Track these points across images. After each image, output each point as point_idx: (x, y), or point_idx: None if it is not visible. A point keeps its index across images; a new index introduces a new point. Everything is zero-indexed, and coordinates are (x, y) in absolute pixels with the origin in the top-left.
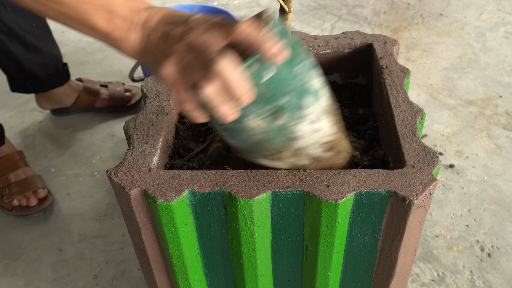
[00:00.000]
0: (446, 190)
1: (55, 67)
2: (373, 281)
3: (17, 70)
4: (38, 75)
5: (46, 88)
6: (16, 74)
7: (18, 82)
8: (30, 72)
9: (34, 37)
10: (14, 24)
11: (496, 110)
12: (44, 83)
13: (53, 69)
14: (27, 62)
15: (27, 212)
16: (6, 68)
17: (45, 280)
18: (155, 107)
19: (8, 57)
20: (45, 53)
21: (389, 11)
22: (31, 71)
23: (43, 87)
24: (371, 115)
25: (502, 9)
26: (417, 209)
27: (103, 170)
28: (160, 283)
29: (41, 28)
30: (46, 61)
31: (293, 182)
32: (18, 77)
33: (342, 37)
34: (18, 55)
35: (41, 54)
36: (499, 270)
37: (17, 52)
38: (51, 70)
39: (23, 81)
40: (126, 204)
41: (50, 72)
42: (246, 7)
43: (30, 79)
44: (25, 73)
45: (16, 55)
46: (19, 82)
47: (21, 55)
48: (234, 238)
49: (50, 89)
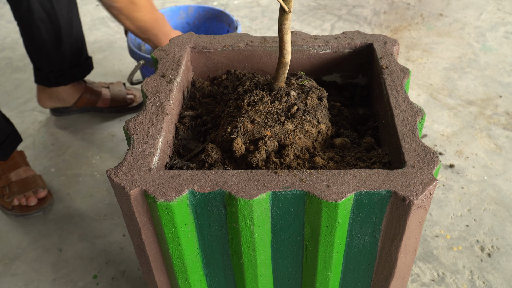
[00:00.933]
0: (446, 190)
1: (79, 60)
2: (373, 281)
3: (45, 60)
4: (64, 67)
5: (68, 80)
6: (42, 64)
7: (41, 74)
8: (57, 63)
9: (68, 27)
10: (53, 13)
11: (496, 110)
12: (68, 75)
13: (77, 62)
14: (57, 53)
15: (26, 212)
16: (34, 58)
17: (45, 280)
18: (155, 107)
19: (40, 46)
20: (74, 45)
21: (389, 11)
22: (58, 62)
23: (66, 79)
24: (371, 115)
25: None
26: (417, 209)
27: (103, 170)
28: (160, 283)
29: (75, 18)
30: (74, 52)
31: (293, 182)
32: (44, 68)
33: (342, 37)
34: (50, 45)
35: (70, 45)
36: (499, 270)
37: (50, 43)
38: (75, 62)
39: (47, 73)
40: (126, 204)
41: (74, 64)
42: (246, 7)
43: (55, 71)
44: (52, 64)
45: (48, 45)
46: (42, 73)
47: (54, 45)
48: (234, 238)
49: (73, 81)
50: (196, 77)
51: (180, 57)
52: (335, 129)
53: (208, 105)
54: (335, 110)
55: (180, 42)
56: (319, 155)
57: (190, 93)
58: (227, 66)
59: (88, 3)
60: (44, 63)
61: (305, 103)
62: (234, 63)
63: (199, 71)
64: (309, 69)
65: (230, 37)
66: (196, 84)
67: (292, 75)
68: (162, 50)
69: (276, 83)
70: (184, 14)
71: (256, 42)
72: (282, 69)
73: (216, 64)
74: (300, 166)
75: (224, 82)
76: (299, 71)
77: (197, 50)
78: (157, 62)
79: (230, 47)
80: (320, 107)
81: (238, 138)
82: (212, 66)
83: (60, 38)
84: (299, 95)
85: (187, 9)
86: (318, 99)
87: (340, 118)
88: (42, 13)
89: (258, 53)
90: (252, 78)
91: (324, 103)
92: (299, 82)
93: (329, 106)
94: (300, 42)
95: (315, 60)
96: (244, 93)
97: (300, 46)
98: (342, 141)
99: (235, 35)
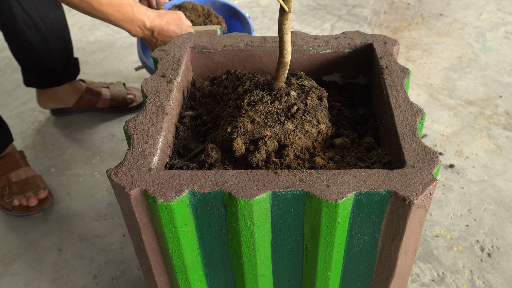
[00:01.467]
0: (446, 190)
1: (68, 61)
2: (373, 281)
3: (35, 63)
4: (54, 68)
5: (61, 81)
6: (32, 67)
7: (32, 76)
8: (47, 65)
9: (53, 28)
10: (36, 15)
11: (496, 110)
12: (60, 76)
13: (67, 62)
14: (45, 54)
15: (27, 212)
16: (23, 61)
17: (45, 280)
18: (155, 107)
19: (27, 49)
20: (62, 46)
21: (389, 11)
22: (48, 64)
23: (59, 80)
24: (371, 115)
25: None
26: (417, 209)
27: (103, 170)
28: (160, 283)
29: (59, 19)
30: (62, 53)
31: (293, 182)
32: (34, 71)
33: (342, 37)
34: (37, 47)
35: (58, 46)
36: (499, 270)
37: (36, 44)
38: (65, 63)
39: (39, 75)
40: (126, 204)
41: (64, 65)
42: (246, 7)
43: (46, 73)
44: (42, 65)
45: (36, 47)
46: (33, 76)
47: (41, 47)
48: (234, 238)
49: (65, 82)
50: (196, 77)
51: (180, 57)
52: (335, 129)
53: (208, 105)
54: (335, 110)
55: (180, 42)
56: (319, 155)
57: (190, 93)
58: (227, 66)
59: None
60: (34, 65)
61: (305, 103)
62: (234, 63)
63: (199, 71)
64: (309, 69)
65: (230, 37)
66: (196, 84)
67: (292, 75)
68: (162, 50)
69: (276, 83)
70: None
71: (256, 42)
72: (282, 69)
73: (216, 64)
74: (300, 166)
75: (224, 82)
76: (299, 71)
77: (197, 50)
78: (157, 62)
79: (230, 47)
80: (320, 107)
81: (238, 138)
82: (212, 66)
83: (46, 39)
84: (299, 95)
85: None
86: (318, 99)
87: (340, 118)
88: (25, 16)
89: (258, 53)
90: (252, 78)
91: (324, 103)
92: (299, 82)
93: (329, 106)
94: (300, 42)
95: (315, 60)
96: (244, 93)
97: (300, 46)
98: (342, 141)
99: (235, 35)
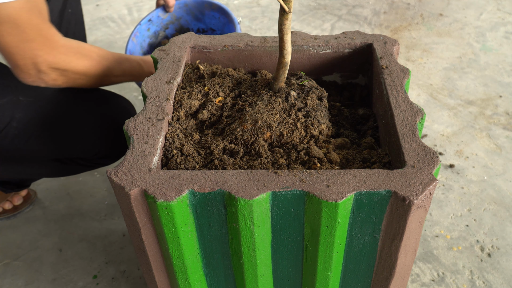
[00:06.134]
0: (446, 190)
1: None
2: (373, 281)
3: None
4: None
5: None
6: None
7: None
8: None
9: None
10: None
11: (496, 110)
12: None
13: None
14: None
15: (17, 211)
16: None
17: (45, 280)
18: (155, 107)
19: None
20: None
21: (389, 11)
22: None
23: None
24: (371, 115)
25: (502, 9)
26: (417, 209)
27: (103, 170)
28: (160, 283)
29: (78, 17)
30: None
31: (293, 182)
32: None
33: (342, 37)
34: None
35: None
36: (499, 270)
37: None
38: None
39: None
40: (126, 204)
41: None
42: (246, 7)
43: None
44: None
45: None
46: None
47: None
48: (234, 238)
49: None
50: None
51: (180, 57)
52: (335, 129)
53: None
54: (335, 110)
55: (180, 42)
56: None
57: None
58: (227, 66)
59: (88, 3)
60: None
61: (305, 103)
62: (234, 63)
63: None
64: (309, 69)
65: (230, 37)
66: None
67: (292, 75)
68: (162, 50)
69: (276, 83)
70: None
71: (256, 42)
72: (282, 69)
73: (216, 64)
74: (300, 166)
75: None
76: (299, 71)
77: (197, 50)
78: (157, 62)
79: (230, 47)
80: (320, 107)
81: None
82: None
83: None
84: (299, 95)
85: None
86: (318, 99)
87: (340, 118)
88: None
89: (258, 53)
90: (252, 78)
91: (324, 103)
92: (299, 82)
93: (329, 106)
94: (300, 42)
95: (315, 60)
96: (244, 93)
97: (300, 46)
98: (342, 141)
99: (235, 35)
